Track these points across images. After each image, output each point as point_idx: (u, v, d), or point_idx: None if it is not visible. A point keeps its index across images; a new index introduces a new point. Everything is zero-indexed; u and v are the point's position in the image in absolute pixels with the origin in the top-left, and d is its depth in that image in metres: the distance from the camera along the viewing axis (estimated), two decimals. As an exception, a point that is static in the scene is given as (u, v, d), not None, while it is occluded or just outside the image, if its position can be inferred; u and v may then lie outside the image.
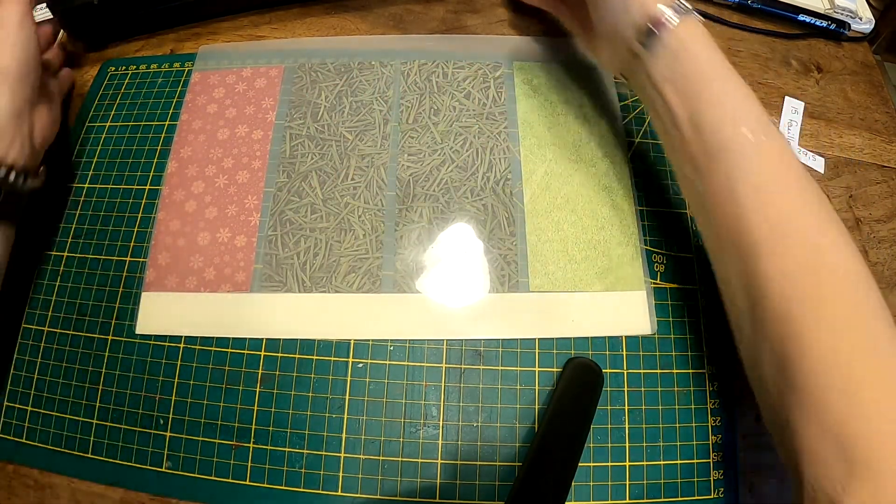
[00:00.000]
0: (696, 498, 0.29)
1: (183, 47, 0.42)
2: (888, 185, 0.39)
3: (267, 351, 0.32)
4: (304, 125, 0.38)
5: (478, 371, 0.32)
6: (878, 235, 0.37)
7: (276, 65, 0.41)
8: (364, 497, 0.29)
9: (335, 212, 0.35)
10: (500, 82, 0.40)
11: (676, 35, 0.28)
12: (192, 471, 0.30)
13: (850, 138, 0.40)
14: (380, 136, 0.38)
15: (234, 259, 0.34)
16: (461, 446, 0.30)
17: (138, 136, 0.39)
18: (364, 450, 0.30)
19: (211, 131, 0.38)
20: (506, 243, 0.34)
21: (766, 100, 0.41)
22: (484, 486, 0.29)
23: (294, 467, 0.30)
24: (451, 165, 0.37)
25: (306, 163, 0.37)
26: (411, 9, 0.44)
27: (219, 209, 0.36)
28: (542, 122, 0.38)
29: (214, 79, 0.40)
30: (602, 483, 0.29)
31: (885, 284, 0.35)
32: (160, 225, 0.35)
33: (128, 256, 0.35)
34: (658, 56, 0.28)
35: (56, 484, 0.31)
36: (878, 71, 0.44)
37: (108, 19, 0.40)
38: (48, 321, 0.34)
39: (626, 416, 0.31)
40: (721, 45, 0.42)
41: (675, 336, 0.32)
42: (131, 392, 0.32)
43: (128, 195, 0.37)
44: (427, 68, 0.40)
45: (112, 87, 0.41)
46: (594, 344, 0.32)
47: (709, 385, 0.31)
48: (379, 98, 0.39)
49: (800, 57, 0.43)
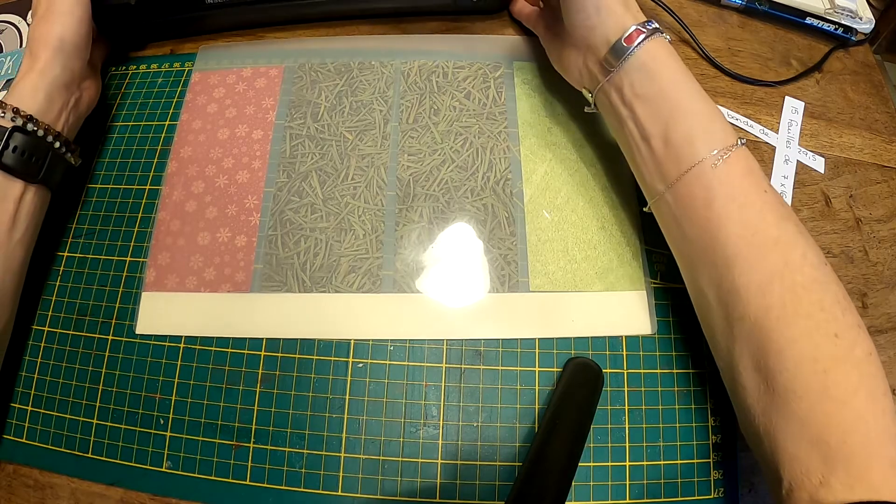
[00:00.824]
0: (696, 498, 0.29)
1: (183, 47, 0.42)
2: (888, 185, 0.39)
3: (267, 351, 0.32)
4: (304, 125, 0.38)
5: (478, 371, 0.32)
6: (878, 235, 0.37)
7: (276, 65, 0.41)
8: (364, 497, 0.29)
9: (335, 212, 0.35)
10: (500, 82, 0.40)
11: (648, 52, 0.29)
12: (192, 471, 0.30)
13: (850, 138, 0.40)
14: (380, 136, 0.38)
15: (234, 259, 0.34)
16: (461, 446, 0.30)
17: (138, 136, 0.39)
18: (364, 450, 0.30)
19: (211, 131, 0.38)
20: (506, 243, 0.34)
21: (766, 100, 0.41)
22: (484, 486, 0.29)
23: (294, 467, 0.30)
24: (452, 165, 0.37)
25: (306, 163, 0.37)
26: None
27: (219, 209, 0.36)
28: (542, 122, 0.38)
29: (214, 79, 0.40)
30: (602, 483, 0.29)
31: (885, 284, 0.35)
32: (160, 225, 0.35)
33: (128, 256, 0.35)
34: (628, 72, 0.29)
35: (56, 484, 0.31)
36: (878, 71, 0.44)
37: (143, 21, 0.40)
38: (48, 321, 0.34)
39: (626, 416, 0.31)
40: (721, 46, 0.43)
41: (675, 336, 0.32)
42: (131, 392, 0.32)
43: (128, 195, 0.37)
44: (427, 68, 0.40)
45: (112, 87, 0.41)
46: (594, 344, 0.32)
47: (709, 385, 0.31)
48: (379, 98, 0.39)
49: (800, 57, 0.43)
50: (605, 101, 0.31)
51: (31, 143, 0.31)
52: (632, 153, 0.30)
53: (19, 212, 0.31)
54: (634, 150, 0.30)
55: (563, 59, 0.34)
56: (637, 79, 0.29)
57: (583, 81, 0.33)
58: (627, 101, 0.29)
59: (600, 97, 0.32)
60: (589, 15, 0.30)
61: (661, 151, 0.28)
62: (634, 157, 0.30)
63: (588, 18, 0.30)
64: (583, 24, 0.31)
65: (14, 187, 0.31)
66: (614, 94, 0.30)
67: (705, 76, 0.41)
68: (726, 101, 0.40)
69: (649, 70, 0.29)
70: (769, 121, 0.40)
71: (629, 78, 0.29)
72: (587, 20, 0.30)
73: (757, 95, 0.41)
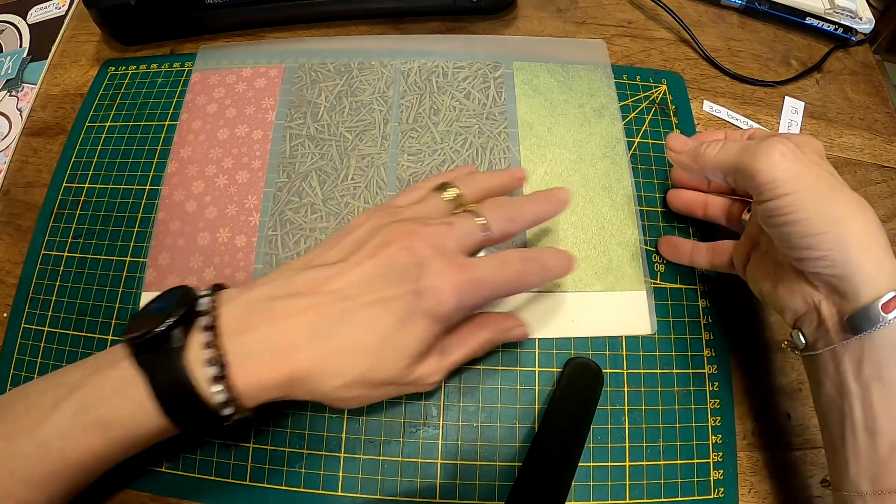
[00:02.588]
0: (696, 498, 0.29)
1: (183, 47, 0.42)
2: (888, 185, 0.39)
3: (267, 351, 0.32)
4: (304, 125, 0.38)
5: (478, 371, 0.32)
6: (878, 235, 0.37)
7: (276, 65, 0.41)
8: (364, 497, 0.29)
9: (335, 212, 0.35)
10: (500, 82, 0.40)
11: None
12: (191, 471, 0.30)
13: (850, 138, 0.40)
14: (380, 136, 0.38)
15: (234, 259, 0.34)
16: (461, 446, 0.30)
17: (138, 136, 0.39)
18: (364, 450, 0.30)
19: (211, 131, 0.38)
20: (506, 243, 0.34)
21: (766, 100, 0.41)
22: (484, 486, 0.29)
23: (294, 467, 0.30)
24: (451, 166, 0.37)
25: (306, 163, 0.37)
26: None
27: (219, 209, 0.36)
28: (542, 122, 0.38)
29: (214, 79, 0.40)
30: (602, 483, 0.29)
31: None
32: (160, 225, 0.35)
33: (128, 256, 0.35)
34: (877, 348, 0.22)
35: (56, 484, 0.30)
36: (878, 71, 0.44)
37: (145, 20, 0.40)
38: (48, 321, 0.34)
39: (626, 416, 0.31)
40: (721, 46, 0.43)
41: (675, 336, 0.32)
42: (131, 392, 0.32)
43: (128, 195, 0.37)
44: (427, 68, 0.40)
45: (112, 87, 0.41)
46: (594, 344, 0.32)
47: (709, 385, 0.31)
48: (379, 98, 0.39)
49: (800, 57, 0.43)
50: (828, 363, 0.24)
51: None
52: (840, 434, 0.24)
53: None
54: (847, 434, 0.23)
55: (778, 286, 0.26)
56: (890, 360, 0.22)
57: (802, 321, 0.25)
58: (864, 380, 0.23)
59: (823, 353, 0.24)
60: (834, 262, 0.23)
61: (886, 454, 0.22)
62: (844, 440, 0.23)
63: (831, 267, 0.23)
64: (822, 270, 0.23)
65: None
66: (847, 363, 0.23)
67: (705, 76, 0.41)
68: (726, 101, 0.40)
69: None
70: (769, 121, 0.40)
71: (876, 354, 0.22)
72: (830, 268, 0.23)
73: (757, 95, 0.41)
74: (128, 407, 0.23)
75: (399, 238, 0.24)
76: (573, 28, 0.43)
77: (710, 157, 0.27)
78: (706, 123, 0.39)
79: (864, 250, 0.22)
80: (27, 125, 0.41)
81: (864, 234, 0.23)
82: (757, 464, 0.31)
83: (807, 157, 0.24)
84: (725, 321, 0.33)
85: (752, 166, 0.24)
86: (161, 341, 0.22)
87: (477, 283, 0.25)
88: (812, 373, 0.25)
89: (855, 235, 0.23)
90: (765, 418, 0.31)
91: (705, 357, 0.32)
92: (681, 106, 0.39)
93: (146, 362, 0.23)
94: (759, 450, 0.31)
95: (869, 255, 0.22)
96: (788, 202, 0.23)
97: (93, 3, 0.39)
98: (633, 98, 0.39)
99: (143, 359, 0.23)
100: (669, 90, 0.40)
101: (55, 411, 0.23)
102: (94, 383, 0.23)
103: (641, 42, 0.43)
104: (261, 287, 0.24)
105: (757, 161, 0.24)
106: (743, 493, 0.30)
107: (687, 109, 0.39)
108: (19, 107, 0.42)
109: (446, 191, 0.28)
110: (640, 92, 0.40)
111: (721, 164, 0.26)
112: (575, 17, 0.44)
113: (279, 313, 0.23)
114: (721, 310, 0.33)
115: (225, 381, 0.22)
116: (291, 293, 0.24)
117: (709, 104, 0.40)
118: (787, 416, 0.31)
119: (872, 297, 0.22)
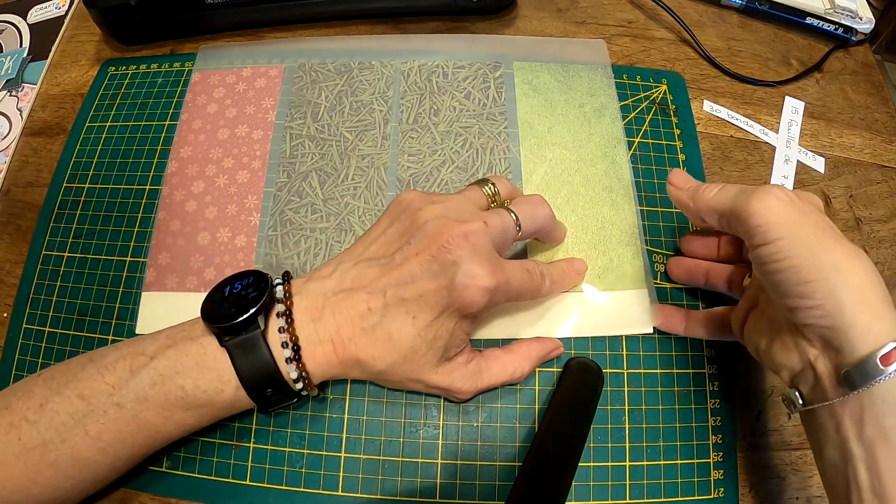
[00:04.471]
0: (696, 498, 0.29)
1: (183, 47, 0.42)
2: (888, 185, 0.39)
3: (267, 351, 0.32)
4: (304, 125, 0.38)
5: (478, 371, 0.31)
6: (878, 235, 0.37)
7: (276, 65, 0.41)
8: (364, 497, 0.29)
9: (335, 212, 0.35)
10: (500, 82, 0.40)
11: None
12: (192, 471, 0.30)
13: (850, 138, 0.40)
14: (380, 137, 0.38)
15: (235, 259, 0.34)
16: (461, 446, 0.30)
17: (138, 136, 0.39)
18: (364, 450, 0.30)
19: (211, 131, 0.38)
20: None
21: (766, 100, 0.41)
22: (484, 486, 0.29)
23: (294, 467, 0.30)
24: (452, 166, 0.37)
25: (306, 163, 0.37)
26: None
27: (219, 209, 0.36)
28: (542, 122, 0.38)
29: (214, 79, 0.40)
30: (602, 483, 0.29)
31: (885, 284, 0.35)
32: (160, 225, 0.35)
33: (128, 256, 0.35)
34: (878, 404, 0.21)
35: (56, 484, 0.30)
36: (878, 71, 0.44)
37: (145, 20, 0.40)
38: (48, 321, 0.34)
39: (626, 416, 0.31)
40: (721, 46, 0.43)
41: (675, 336, 0.32)
42: (131, 392, 0.32)
43: (128, 195, 0.37)
44: (427, 68, 0.40)
45: (112, 87, 0.41)
46: (594, 344, 0.32)
47: (709, 385, 0.31)
48: (379, 98, 0.39)
49: (800, 57, 0.43)
50: (826, 422, 0.22)
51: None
52: (847, 500, 0.22)
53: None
54: (854, 500, 0.21)
55: (773, 343, 0.25)
56: (894, 418, 0.20)
57: (798, 379, 0.24)
58: (867, 440, 0.21)
59: (821, 413, 0.23)
60: (827, 312, 0.21)
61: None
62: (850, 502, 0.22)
63: (825, 317, 0.22)
64: (816, 321, 0.22)
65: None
66: (848, 423, 0.21)
67: (705, 76, 0.41)
68: (726, 101, 0.40)
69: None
70: (769, 121, 0.40)
71: (878, 412, 0.21)
72: (823, 318, 0.22)
73: (757, 95, 0.41)
74: (208, 380, 0.25)
75: (439, 234, 0.26)
76: (573, 28, 0.43)
77: (708, 198, 0.27)
78: (706, 123, 0.39)
79: (860, 301, 0.21)
80: (27, 125, 0.41)
81: (859, 285, 0.22)
82: (757, 464, 0.31)
83: (804, 205, 0.24)
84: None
85: (746, 209, 0.24)
86: (246, 325, 0.25)
87: (507, 286, 0.27)
88: (813, 436, 0.24)
89: (850, 285, 0.21)
90: (765, 418, 0.31)
91: (705, 357, 0.32)
92: (681, 106, 0.39)
93: (231, 342, 0.25)
94: (759, 450, 0.31)
95: (865, 307, 0.21)
96: (781, 247, 0.23)
97: (93, 3, 0.39)
98: (634, 98, 0.39)
99: (228, 338, 0.25)
100: (670, 90, 0.40)
101: (134, 377, 0.25)
102: (173, 356, 0.25)
103: (641, 42, 0.43)
104: (323, 280, 0.27)
105: (752, 203, 0.24)
106: (743, 493, 0.30)
107: (687, 109, 0.39)
108: (19, 107, 0.42)
109: (486, 185, 0.30)
110: (641, 92, 0.40)
111: (717, 206, 0.26)
112: (575, 17, 0.44)
113: (337, 307, 0.26)
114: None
115: (298, 362, 0.26)
116: (346, 288, 0.27)
117: (709, 104, 0.40)
118: (787, 416, 0.31)
119: (869, 350, 0.21)
